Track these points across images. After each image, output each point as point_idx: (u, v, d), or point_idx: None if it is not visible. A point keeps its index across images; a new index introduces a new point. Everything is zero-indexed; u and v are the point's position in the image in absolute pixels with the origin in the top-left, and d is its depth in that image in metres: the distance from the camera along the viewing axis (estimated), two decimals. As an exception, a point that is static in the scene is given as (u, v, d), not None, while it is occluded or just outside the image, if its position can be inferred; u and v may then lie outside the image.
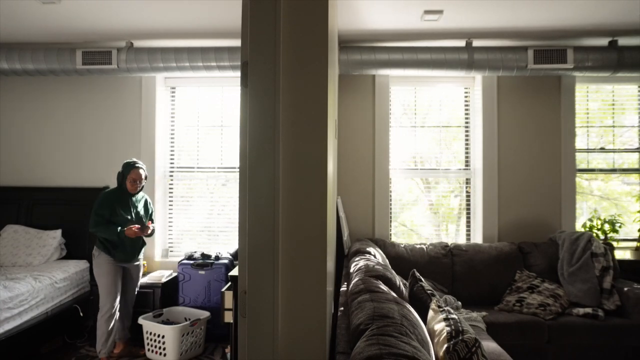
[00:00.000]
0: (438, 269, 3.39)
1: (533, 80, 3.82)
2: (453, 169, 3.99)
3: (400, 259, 3.41)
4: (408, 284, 2.29)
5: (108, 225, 3.05)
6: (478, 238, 3.85)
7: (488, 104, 3.81)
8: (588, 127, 3.94)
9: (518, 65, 3.44)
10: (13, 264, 3.46)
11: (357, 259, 2.63)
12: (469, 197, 3.98)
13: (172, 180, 4.09)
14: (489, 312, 3.09)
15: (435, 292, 2.56)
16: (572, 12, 2.99)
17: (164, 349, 3.11)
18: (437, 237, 3.99)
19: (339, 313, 2.00)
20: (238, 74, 3.68)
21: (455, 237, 4.01)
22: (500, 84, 3.83)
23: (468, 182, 3.98)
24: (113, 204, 3.09)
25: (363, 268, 2.30)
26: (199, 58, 3.48)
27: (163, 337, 3.11)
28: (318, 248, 1.20)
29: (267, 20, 1.19)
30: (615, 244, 3.70)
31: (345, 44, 3.66)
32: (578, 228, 3.82)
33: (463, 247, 3.50)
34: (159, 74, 3.82)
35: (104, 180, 3.98)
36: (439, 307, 1.84)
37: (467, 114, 3.98)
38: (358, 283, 1.99)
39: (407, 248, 3.50)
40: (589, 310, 3.01)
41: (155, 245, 3.94)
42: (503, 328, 2.90)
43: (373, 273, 2.20)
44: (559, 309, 3.04)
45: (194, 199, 4.07)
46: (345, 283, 2.55)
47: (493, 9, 2.97)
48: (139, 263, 3.31)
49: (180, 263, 3.58)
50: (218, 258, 3.63)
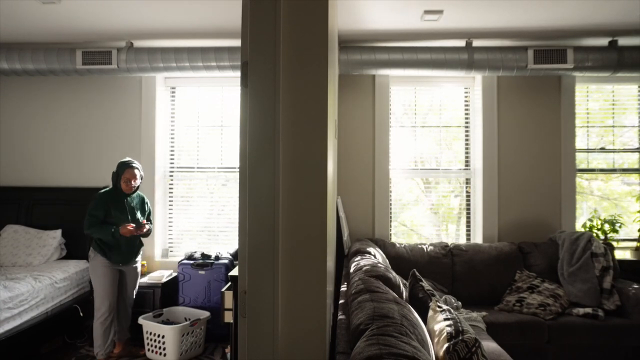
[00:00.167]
0: (438, 269, 3.39)
1: (533, 80, 3.82)
2: (453, 169, 3.99)
3: (400, 259, 3.41)
4: (408, 284, 2.29)
5: (102, 226, 3.03)
6: (478, 238, 3.85)
7: (488, 104, 3.81)
8: (588, 127, 3.94)
9: (518, 65, 3.44)
10: (13, 264, 3.46)
11: (357, 259, 2.63)
12: (469, 197, 3.98)
13: (172, 180, 4.09)
14: (489, 312, 3.09)
15: (435, 292, 2.56)
16: (572, 12, 2.99)
17: (164, 349, 3.11)
18: (437, 237, 3.99)
19: (339, 313, 2.00)
20: (238, 74, 3.68)
21: (456, 237, 4.01)
22: (500, 84, 3.83)
23: (468, 182, 3.98)
24: (107, 205, 3.08)
25: (363, 268, 2.30)
26: (199, 58, 3.49)
27: (163, 337, 3.11)
28: (318, 248, 1.20)
29: (267, 20, 1.19)
30: (615, 244, 3.70)
31: (345, 44, 3.66)
32: (578, 228, 3.82)
33: (463, 247, 3.50)
34: (159, 74, 3.82)
35: (104, 180, 3.98)
36: (439, 307, 1.84)
37: (467, 114, 3.98)
38: (358, 283, 1.99)
39: (407, 248, 3.50)
40: (589, 310, 3.01)
41: (155, 245, 3.94)
42: (503, 328, 2.90)
43: (373, 273, 2.20)
44: (559, 309, 3.04)
45: (194, 199, 4.07)
46: (345, 283, 2.55)
47: (493, 9, 2.97)
48: (137, 266, 3.28)
49: (180, 263, 3.58)
50: (218, 258, 3.63)
